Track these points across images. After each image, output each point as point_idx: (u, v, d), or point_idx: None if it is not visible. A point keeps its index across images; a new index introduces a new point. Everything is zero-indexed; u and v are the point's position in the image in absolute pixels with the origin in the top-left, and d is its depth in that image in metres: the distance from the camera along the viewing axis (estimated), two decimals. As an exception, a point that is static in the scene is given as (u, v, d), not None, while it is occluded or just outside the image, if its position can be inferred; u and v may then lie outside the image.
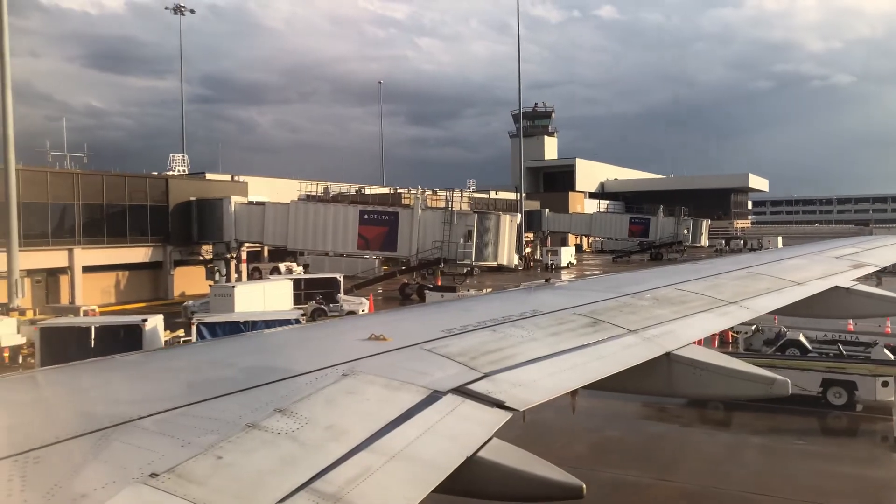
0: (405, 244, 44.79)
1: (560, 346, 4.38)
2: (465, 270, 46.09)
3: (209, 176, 61.15)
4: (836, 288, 7.54)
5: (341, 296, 37.83)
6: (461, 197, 55.57)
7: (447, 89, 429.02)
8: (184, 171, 65.15)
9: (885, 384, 18.19)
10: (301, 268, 50.89)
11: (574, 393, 4.26)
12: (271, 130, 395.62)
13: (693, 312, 5.67)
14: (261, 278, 47.83)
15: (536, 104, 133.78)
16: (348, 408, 3.09)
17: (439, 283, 44.15)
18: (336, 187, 57.99)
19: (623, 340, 4.70)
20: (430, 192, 56.23)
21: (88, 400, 3.05)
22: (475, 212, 46.54)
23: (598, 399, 17.76)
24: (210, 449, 2.49)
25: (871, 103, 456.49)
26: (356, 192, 57.30)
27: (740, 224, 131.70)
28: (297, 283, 36.73)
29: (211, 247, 50.21)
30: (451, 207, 46.08)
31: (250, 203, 50.40)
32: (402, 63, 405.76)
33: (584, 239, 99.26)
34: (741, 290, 6.66)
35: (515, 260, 49.33)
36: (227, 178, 60.06)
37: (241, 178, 59.03)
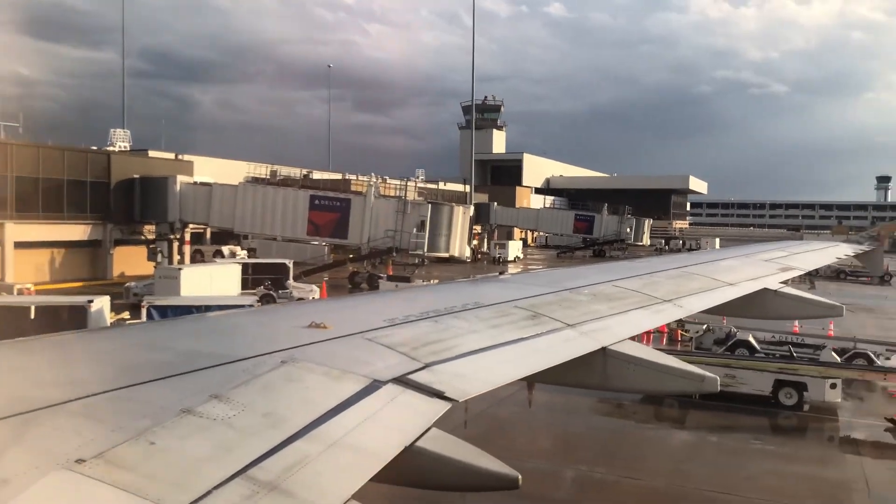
0: (356, 232, 44.38)
1: (500, 338, 4.45)
2: (415, 261, 46.06)
3: (152, 154, 58.97)
4: (765, 290, 7.90)
5: (291, 282, 37.19)
6: (415, 186, 55.43)
7: (395, 77, 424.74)
8: (125, 147, 62.65)
9: (833, 386, 18.95)
10: (245, 251, 49.79)
11: (531, 387, 4.35)
12: (214, 109, 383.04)
13: (629, 309, 5.83)
14: (203, 261, 46.57)
15: (486, 97, 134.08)
16: (287, 395, 3.07)
17: (391, 273, 43.98)
18: (284, 171, 56.86)
19: (561, 334, 4.80)
20: (381, 180, 55.85)
21: (10, 382, 2.93)
22: (429, 202, 46.48)
23: (557, 394, 18.02)
24: (142, 434, 2.44)
25: (804, 113, 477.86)
26: (304, 176, 56.33)
27: (679, 224, 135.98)
28: (245, 267, 35.92)
29: (154, 227, 48.53)
30: (405, 197, 45.89)
31: (196, 183, 48.90)
32: (351, 48, 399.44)
33: (529, 233, 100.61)
34: (676, 289, 6.89)
35: (467, 252, 49.66)
36: (171, 156, 58.07)
37: (186, 158, 57.17)
